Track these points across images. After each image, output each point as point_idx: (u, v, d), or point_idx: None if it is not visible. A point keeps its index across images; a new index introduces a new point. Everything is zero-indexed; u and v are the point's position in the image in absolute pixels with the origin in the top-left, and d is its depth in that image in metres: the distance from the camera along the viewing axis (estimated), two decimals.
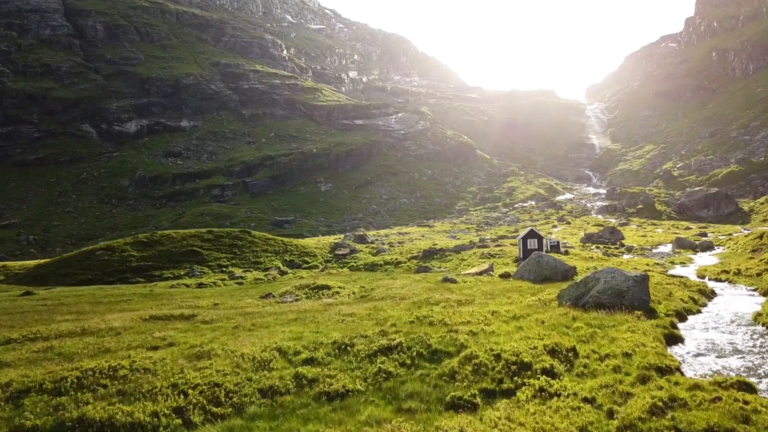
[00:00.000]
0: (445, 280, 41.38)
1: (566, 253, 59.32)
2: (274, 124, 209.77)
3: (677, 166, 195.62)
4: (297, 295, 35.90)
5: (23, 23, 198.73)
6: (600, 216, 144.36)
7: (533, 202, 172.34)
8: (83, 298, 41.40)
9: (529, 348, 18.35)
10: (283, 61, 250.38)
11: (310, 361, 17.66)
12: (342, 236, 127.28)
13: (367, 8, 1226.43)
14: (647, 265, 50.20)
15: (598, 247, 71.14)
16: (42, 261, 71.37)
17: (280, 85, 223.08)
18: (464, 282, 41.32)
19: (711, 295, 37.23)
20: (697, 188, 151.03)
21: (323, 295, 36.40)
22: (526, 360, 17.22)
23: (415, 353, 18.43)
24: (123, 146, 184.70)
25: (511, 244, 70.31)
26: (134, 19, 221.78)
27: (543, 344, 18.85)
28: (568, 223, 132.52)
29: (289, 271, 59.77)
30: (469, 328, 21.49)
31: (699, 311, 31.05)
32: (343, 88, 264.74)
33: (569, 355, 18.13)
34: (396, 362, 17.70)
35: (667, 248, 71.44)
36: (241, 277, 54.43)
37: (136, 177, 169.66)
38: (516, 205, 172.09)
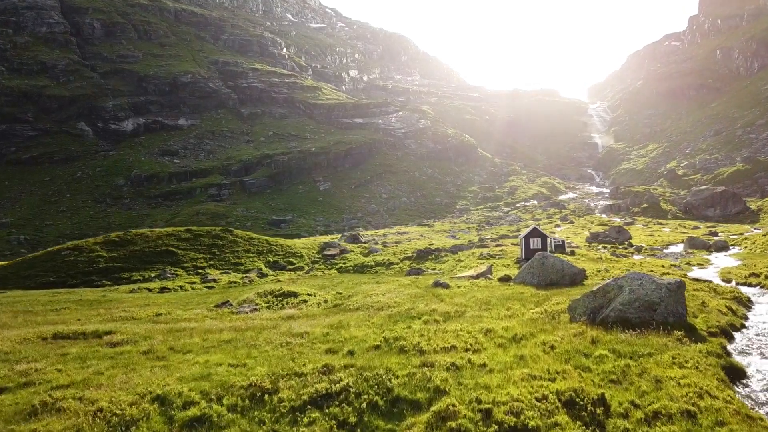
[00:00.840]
0: (437, 284, 35.30)
1: (572, 253, 53.00)
2: (273, 123, 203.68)
3: (682, 165, 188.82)
4: (257, 305, 29.65)
5: (19, 20, 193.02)
6: (604, 215, 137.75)
7: (535, 202, 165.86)
8: (19, 305, 35.24)
9: (536, 399, 12.13)
10: (282, 59, 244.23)
11: (198, 422, 11.43)
12: (338, 236, 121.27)
13: (369, 8, 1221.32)
14: (663, 266, 43.74)
15: (605, 247, 64.70)
16: (3, 263, 64.96)
17: (279, 83, 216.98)
18: (457, 287, 35.10)
19: (748, 303, 30.81)
20: (704, 187, 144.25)
21: (288, 304, 30.16)
22: (531, 424, 10.91)
23: (365, 404, 12.26)
24: (119, 145, 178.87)
25: (512, 244, 64.03)
26: (132, 16, 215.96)
27: (556, 390, 12.65)
28: (572, 222, 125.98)
29: (271, 273, 53.54)
30: (452, 359, 15.30)
31: (743, 325, 24.71)
32: (344, 87, 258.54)
33: (597, 411, 11.79)
34: (332, 422, 11.44)
35: (679, 248, 64.95)
36: (215, 280, 48.22)
37: (132, 176, 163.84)
38: (518, 205, 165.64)
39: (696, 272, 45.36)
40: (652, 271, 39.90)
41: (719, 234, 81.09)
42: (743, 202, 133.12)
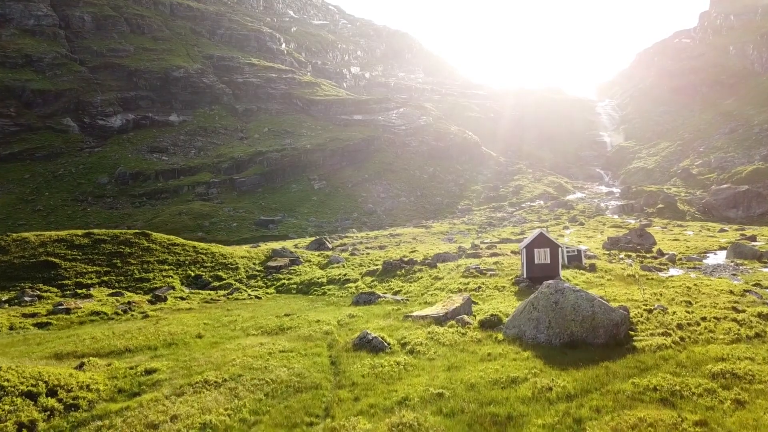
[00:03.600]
0: (363, 342, 21.51)
1: (592, 268, 39.71)
2: (268, 120, 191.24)
3: (696, 163, 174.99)
4: None
5: (5, 12, 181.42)
6: (616, 216, 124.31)
7: (542, 202, 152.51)
8: None
9: None
10: (281, 55, 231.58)
11: None
12: (309, 240, 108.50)
13: (374, 6, 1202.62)
14: (731, 292, 29.62)
15: (628, 256, 51.53)
16: None
17: (276, 79, 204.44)
18: (401, 349, 21.24)
19: None
20: (725, 186, 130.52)
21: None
22: None
23: None
24: (106, 141, 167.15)
25: (512, 252, 51.07)
26: (125, 10, 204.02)
27: None
28: (581, 224, 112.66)
29: (188, 291, 40.92)
30: None
31: None
32: (345, 84, 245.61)
33: None
34: None
35: (720, 258, 51.66)
36: (67, 311, 33.55)
37: (116, 173, 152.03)
38: (523, 205, 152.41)
39: None
40: (715, 305, 26.70)
41: (757, 239, 67.60)
42: None
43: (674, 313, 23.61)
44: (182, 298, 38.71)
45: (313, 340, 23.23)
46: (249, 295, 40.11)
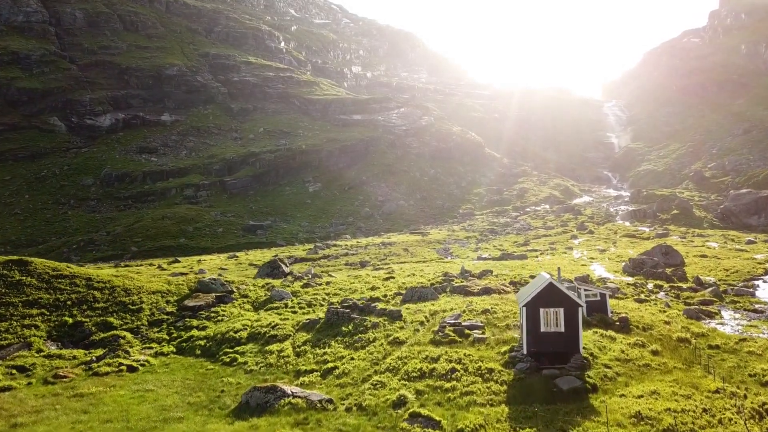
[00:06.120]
0: None
1: (624, 325, 27.62)
2: (264, 119, 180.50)
3: (708, 166, 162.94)
4: None
5: None
6: (627, 223, 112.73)
7: (547, 206, 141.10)
8: None
9: None
10: (280, 53, 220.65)
11: None
12: (301, 247, 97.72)
13: (377, 5, 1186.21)
14: None
15: (659, 287, 40.32)
16: None
17: (273, 77, 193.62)
18: None
19: None
20: (745, 191, 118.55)
21: None
22: None
23: None
24: (94, 142, 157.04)
25: (511, 283, 39.82)
26: (118, 7, 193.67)
27: None
28: (591, 232, 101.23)
29: (53, 350, 29.69)
30: None
31: None
32: (345, 83, 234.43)
33: None
34: None
35: None
36: None
37: (102, 175, 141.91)
38: (528, 209, 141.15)
39: None
40: None
41: None
42: None
43: None
44: (19, 370, 27.57)
45: None
46: (133, 360, 28.98)
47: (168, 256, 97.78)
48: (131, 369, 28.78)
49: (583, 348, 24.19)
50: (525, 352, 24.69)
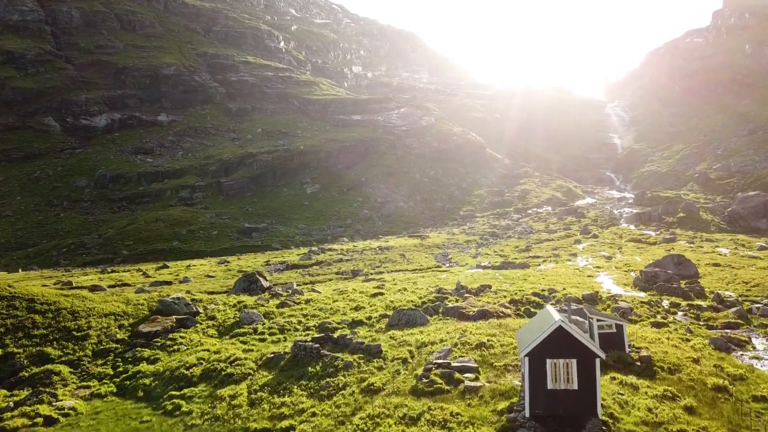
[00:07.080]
0: None
1: (647, 366, 22.40)
2: (263, 120, 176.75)
3: (714, 167, 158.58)
4: None
5: None
6: (632, 226, 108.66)
7: (549, 208, 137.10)
8: None
9: None
10: (279, 53, 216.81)
11: None
12: (296, 251, 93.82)
13: (378, 5, 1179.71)
14: None
15: (676, 306, 36.41)
16: None
17: (272, 77, 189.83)
18: None
19: None
20: (753, 193, 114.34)
21: None
22: None
23: None
24: (89, 142, 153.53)
25: (512, 302, 35.83)
26: (116, 6, 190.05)
27: None
28: (595, 236, 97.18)
29: None
30: None
31: None
32: (346, 83, 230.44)
33: None
34: None
35: None
36: None
37: (96, 176, 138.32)
38: (529, 211, 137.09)
39: None
40: None
41: None
42: None
43: None
44: None
45: None
46: (56, 408, 24.53)
47: (159, 260, 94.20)
48: (49, 422, 24.39)
49: (601, 410, 19.60)
50: (527, 414, 19.81)
